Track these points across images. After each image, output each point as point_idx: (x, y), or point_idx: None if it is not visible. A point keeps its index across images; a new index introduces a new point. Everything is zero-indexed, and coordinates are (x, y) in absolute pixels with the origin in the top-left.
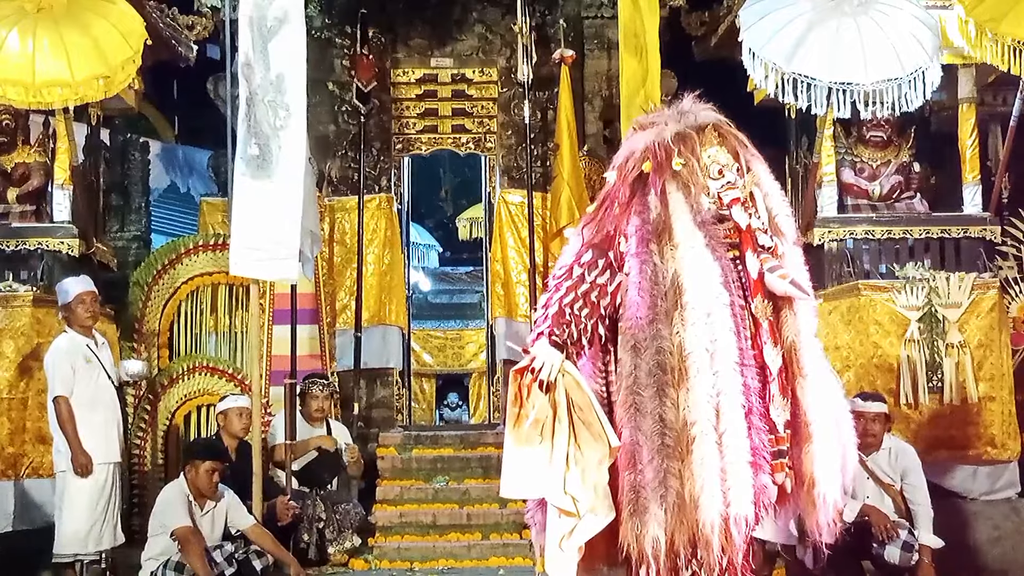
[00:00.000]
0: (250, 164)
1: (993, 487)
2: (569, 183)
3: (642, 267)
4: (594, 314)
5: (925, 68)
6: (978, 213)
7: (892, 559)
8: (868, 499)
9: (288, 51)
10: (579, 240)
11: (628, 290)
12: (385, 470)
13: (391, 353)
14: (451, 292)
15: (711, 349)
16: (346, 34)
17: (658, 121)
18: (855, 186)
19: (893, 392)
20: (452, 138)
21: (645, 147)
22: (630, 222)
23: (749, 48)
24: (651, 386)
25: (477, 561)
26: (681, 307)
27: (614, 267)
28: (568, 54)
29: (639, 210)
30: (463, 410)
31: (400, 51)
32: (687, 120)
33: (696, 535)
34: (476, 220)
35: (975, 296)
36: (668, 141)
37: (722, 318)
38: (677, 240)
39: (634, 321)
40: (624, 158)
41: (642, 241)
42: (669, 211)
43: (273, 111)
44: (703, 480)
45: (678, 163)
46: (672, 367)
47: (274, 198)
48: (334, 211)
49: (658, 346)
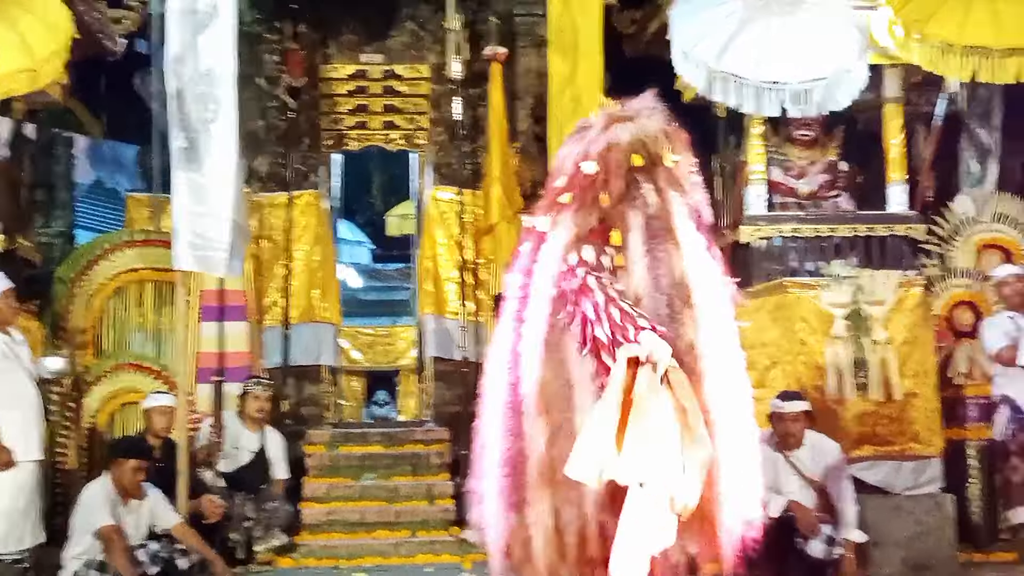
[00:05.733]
0: (180, 157)
1: (916, 482)
2: (500, 180)
3: (654, 264)
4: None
5: (852, 68)
6: (903, 212)
7: (816, 554)
8: (792, 495)
9: (218, 45)
10: (559, 232)
11: (640, 287)
12: (313, 467)
13: (321, 350)
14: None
15: (720, 351)
16: (276, 29)
17: (634, 115)
18: (783, 184)
19: (819, 388)
20: (383, 134)
21: (632, 139)
22: (628, 217)
23: (679, 46)
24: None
25: (405, 558)
26: (691, 308)
27: (615, 266)
28: (500, 51)
29: (636, 205)
30: (392, 407)
31: (331, 47)
32: (658, 118)
33: (713, 539)
34: (406, 217)
35: (900, 294)
36: (658, 135)
37: (729, 320)
38: (679, 239)
39: (655, 318)
40: (606, 148)
41: (650, 238)
42: (668, 209)
43: (203, 104)
44: (728, 476)
45: (672, 159)
46: (690, 368)
47: (205, 191)
48: (263, 207)
49: (680, 346)
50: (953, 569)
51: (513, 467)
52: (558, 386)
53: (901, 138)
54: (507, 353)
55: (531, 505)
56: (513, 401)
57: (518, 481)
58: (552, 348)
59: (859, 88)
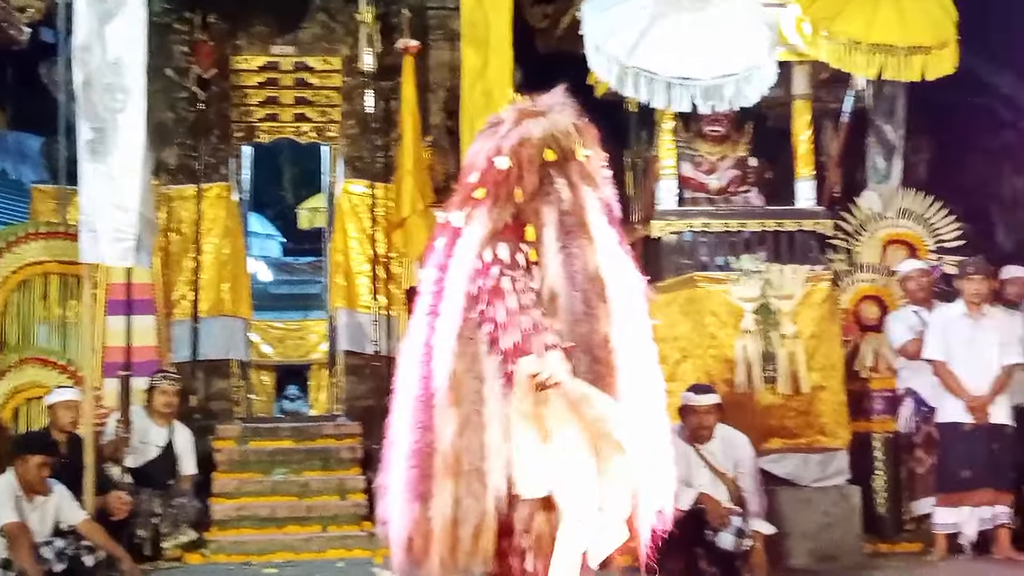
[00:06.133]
0: (87, 148)
1: (824, 474)
2: (412, 174)
3: (569, 260)
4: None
5: (761, 65)
6: (811, 207)
7: (725, 545)
8: (702, 487)
9: (126, 34)
10: (474, 227)
11: (556, 283)
12: (222, 463)
13: (231, 344)
14: (292, 282)
15: (635, 345)
16: (185, 20)
17: (546, 110)
18: (693, 180)
19: (729, 382)
20: (294, 127)
21: (544, 134)
22: (542, 212)
23: (591, 41)
24: (589, 383)
25: (316, 554)
26: (606, 303)
27: (529, 262)
28: (412, 44)
29: (549, 200)
30: (303, 402)
31: (241, 38)
32: (569, 113)
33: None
34: (318, 210)
35: (808, 288)
36: (570, 130)
37: (643, 314)
38: (593, 235)
39: (570, 315)
40: (518, 143)
41: (564, 234)
42: (582, 204)
43: (111, 94)
44: (642, 469)
45: (583, 154)
46: (606, 362)
47: (112, 183)
48: (171, 200)
49: (596, 342)
50: (859, 560)
51: (420, 459)
52: (469, 380)
53: (809, 134)
54: (420, 347)
55: (434, 497)
56: (425, 394)
57: (424, 473)
58: (465, 343)
59: (768, 84)
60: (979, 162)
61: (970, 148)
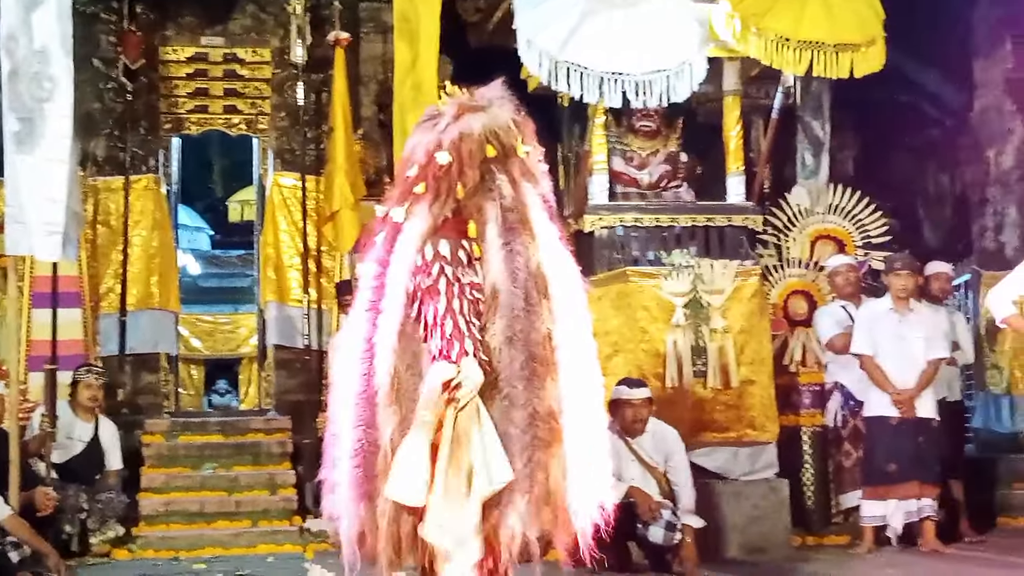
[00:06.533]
0: (13, 139)
1: (753, 468)
2: (343, 167)
3: (511, 256)
4: (475, 313)
5: (692, 60)
6: (741, 203)
7: (656, 539)
8: (633, 481)
9: (52, 23)
10: (414, 223)
11: (498, 280)
12: (151, 457)
13: (160, 338)
14: (221, 276)
15: (576, 341)
16: (113, 9)
17: (486, 105)
18: (625, 175)
19: (659, 376)
20: (224, 119)
21: (484, 129)
22: (483, 208)
23: (524, 36)
24: (524, 378)
25: (246, 549)
26: (548, 299)
27: (472, 258)
28: (343, 36)
29: (491, 196)
30: (233, 396)
31: (170, 29)
32: (509, 108)
33: (554, 526)
34: (248, 203)
35: (738, 283)
36: (510, 126)
37: (583, 310)
38: (535, 231)
39: (510, 312)
40: (458, 138)
41: (506, 230)
42: (523, 201)
43: (37, 83)
44: (580, 463)
45: (524, 150)
46: (545, 359)
47: (39, 174)
48: (99, 192)
49: (536, 338)
50: (788, 552)
51: (364, 458)
52: (410, 377)
53: (739, 130)
54: (362, 343)
55: (380, 495)
56: (367, 392)
57: (368, 472)
58: (407, 340)
59: (699, 80)
60: (905, 159)
61: (896, 145)
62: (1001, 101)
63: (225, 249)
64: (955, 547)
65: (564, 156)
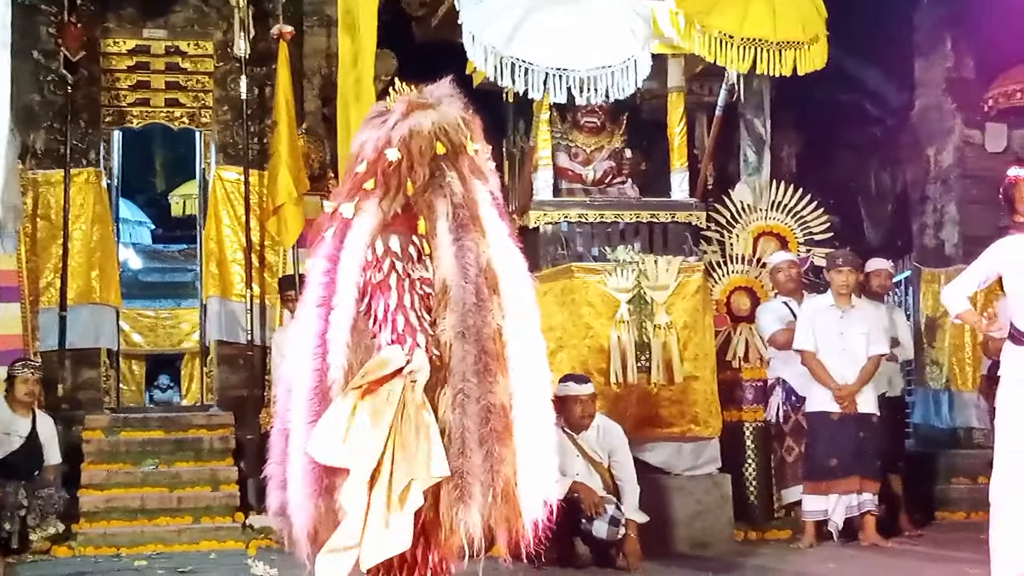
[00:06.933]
0: None
1: (696, 463)
2: (287, 161)
3: (461, 252)
4: (425, 308)
5: (637, 57)
6: (685, 199)
7: (600, 534)
8: (578, 476)
9: None
10: (364, 219)
11: (448, 275)
12: (91, 453)
13: (100, 332)
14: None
15: (525, 337)
16: (53, 1)
17: (435, 102)
18: (569, 171)
19: (603, 372)
20: (166, 112)
21: (434, 126)
22: (434, 205)
23: (468, 31)
24: (478, 373)
25: (188, 545)
26: (498, 295)
27: (422, 253)
28: (287, 30)
29: (441, 193)
30: (175, 391)
31: (111, 20)
32: (458, 105)
33: (512, 520)
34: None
35: (681, 279)
36: (460, 124)
37: (532, 306)
38: (485, 228)
39: (462, 307)
40: (408, 135)
41: (456, 227)
42: (473, 198)
43: None
44: (528, 459)
45: (474, 148)
46: (496, 353)
47: None
48: (38, 185)
49: (487, 333)
50: (730, 547)
51: None
52: None
53: (683, 127)
54: (314, 339)
55: (339, 490)
56: (320, 387)
57: (325, 467)
58: (358, 335)
59: (643, 77)
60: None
61: (838, 143)
62: (941, 100)
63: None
64: (895, 541)
65: (509, 151)
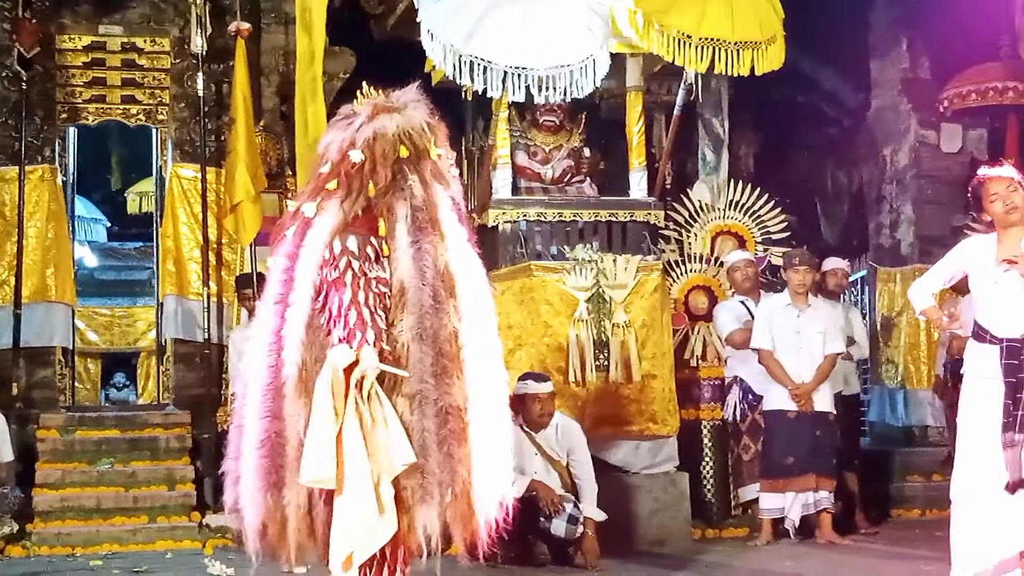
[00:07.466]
0: None
1: (654, 461)
2: (244, 159)
3: (419, 255)
4: (380, 306)
5: (595, 56)
6: (643, 198)
7: (558, 532)
8: (536, 474)
9: None
10: (325, 218)
11: (406, 277)
12: (45, 452)
13: (55, 331)
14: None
15: (482, 339)
16: None
17: (400, 106)
18: (528, 169)
19: (562, 370)
20: (122, 109)
21: (398, 130)
22: (394, 207)
23: (427, 28)
24: (435, 374)
25: (144, 545)
26: (455, 298)
27: (380, 254)
28: (244, 27)
29: (402, 196)
30: (131, 390)
31: (66, 16)
32: (423, 110)
33: (468, 519)
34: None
35: (640, 278)
36: (424, 128)
37: (489, 309)
38: (444, 231)
39: (419, 308)
40: (372, 138)
41: (416, 229)
42: (434, 202)
43: None
44: (484, 458)
45: (437, 153)
46: (453, 355)
47: None
48: None
49: (444, 335)
50: (688, 545)
51: (270, 449)
52: (317, 368)
53: (642, 126)
54: (269, 336)
55: (288, 486)
56: (274, 383)
57: (276, 462)
58: (314, 332)
59: (602, 76)
60: (804, 157)
61: (795, 143)
62: (897, 101)
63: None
64: (850, 539)
65: (468, 150)
